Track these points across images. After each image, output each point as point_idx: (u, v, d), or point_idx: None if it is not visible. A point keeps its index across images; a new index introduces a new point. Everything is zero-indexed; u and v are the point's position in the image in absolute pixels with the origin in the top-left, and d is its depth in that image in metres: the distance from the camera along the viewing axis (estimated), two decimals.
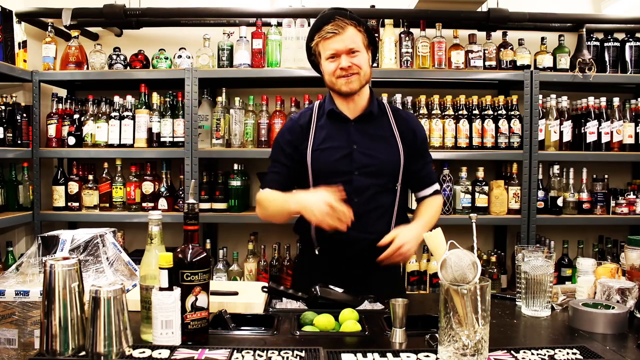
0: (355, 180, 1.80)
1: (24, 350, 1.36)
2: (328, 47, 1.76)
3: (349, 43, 1.74)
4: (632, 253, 1.63)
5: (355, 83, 1.77)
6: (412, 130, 1.90)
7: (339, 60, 1.75)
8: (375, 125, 1.87)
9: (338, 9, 1.81)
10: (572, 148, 2.98)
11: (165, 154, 2.91)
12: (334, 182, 1.74)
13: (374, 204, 1.82)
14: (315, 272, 1.85)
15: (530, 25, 3.09)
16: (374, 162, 1.82)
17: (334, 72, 1.77)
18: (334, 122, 1.85)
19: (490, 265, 2.96)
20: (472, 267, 1.18)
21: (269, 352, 1.18)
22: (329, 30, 1.74)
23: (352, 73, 1.76)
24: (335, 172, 1.80)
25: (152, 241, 1.36)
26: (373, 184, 1.81)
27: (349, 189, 1.77)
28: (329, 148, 1.82)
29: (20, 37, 2.84)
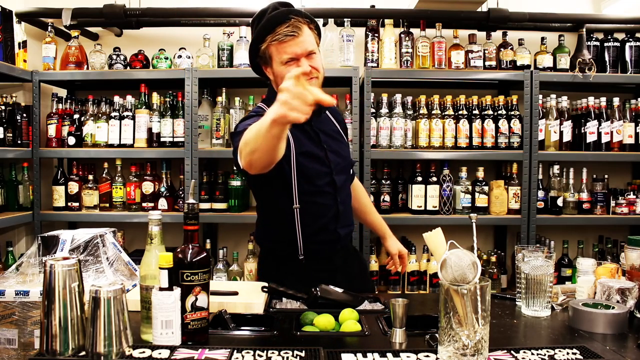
0: (336, 179, 1.80)
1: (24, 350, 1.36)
2: (285, 51, 1.60)
3: (307, 45, 1.62)
4: (632, 253, 1.63)
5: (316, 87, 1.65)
6: (340, 118, 1.95)
7: (299, 65, 1.60)
8: (327, 124, 1.85)
9: (287, 4, 1.66)
10: (572, 148, 2.98)
11: (165, 154, 2.91)
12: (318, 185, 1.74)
13: (349, 198, 1.91)
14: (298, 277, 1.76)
15: (530, 25, 3.09)
16: (341, 159, 1.84)
17: None
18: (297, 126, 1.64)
19: (490, 265, 2.96)
20: (472, 267, 1.17)
21: (269, 352, 1.18)
22: (286, 33, 1.59)
23: (312, 77, 1.63)
24: (319, 175, 1.75)
25: (152, 241, 1.36)
26: (345, 179, 1.87)
27: (332, 189, 1.77)
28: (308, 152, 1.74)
29: (20, 37, 2.84)
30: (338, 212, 1.80)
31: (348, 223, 1.88)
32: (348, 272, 1.88)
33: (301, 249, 1.79)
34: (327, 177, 1.77)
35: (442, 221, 2.79)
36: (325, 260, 1.84)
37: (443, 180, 2.88)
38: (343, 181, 1.84)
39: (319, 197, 1.77)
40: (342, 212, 1.82)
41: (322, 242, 1.80)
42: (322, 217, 1.78)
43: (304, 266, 1.81)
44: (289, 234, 1.77)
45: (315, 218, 1.77)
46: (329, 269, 1.83)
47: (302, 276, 1.78)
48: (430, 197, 2.88)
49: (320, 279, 1.64)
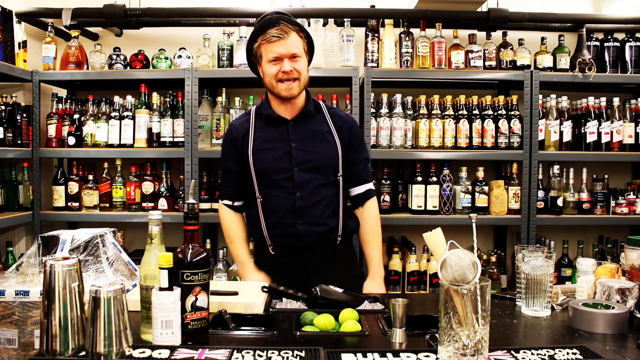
0: (296, 176, 1.89)
1: (24, 350, 1.36)
2: (271, 51, 1.82)
3: (292, 48, 1.82)
4: (632, 253, 1.63)
5: (295, 89, 1.85)
6: (348, 126, 2.00)
7: (281, 64, 1.82)
8: (313, 124, 1.96)
9: (281, 13, 1.88)
10: (572, 148, 2.98)
11: (165, 154, 2.91)
12: (276, 179, 1.90)
13: (317, 197, 1.91)
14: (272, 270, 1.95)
15: (530, 25, 3.09)
16: (313, 157, 1.92)
17: (276, 75, 1.83)
18: (272, 124, 1.94)
19: (490, 265, 2.96)
20: (472, 267, 1.17)
21: (269, 352, 1.18)
22: (273, 34, 1.80)
23: (294, 78, 1.83)
24: (276, 170, 1.90)
25: (152, 241, 1.36)
26: (313, 178, 1.91)
27: (291, 184, 1.90)
28: (268, 148, 1.92)
29: (20, 37, 2.84)
30: (295, 207, 1.89)
31: (315, 223, 1.91)
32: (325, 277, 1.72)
33: (268, 240, 1.95)
34: (286, 172, 1.90)
35: (442, 221, 2.79)
36: (295, 258, 1.94)
37: (443, 180, 2.88)
38: (308, 179, 1.90)
39: (276, 190, 1.91)
40: (302, 208, 1.89)
41: (283, 235, 1.93)
42: (278, 211, 1.91)
43: (275, 260, 1.96)
44: (257, 225, 1.96)
45: (273, 211, 1.92)
46: (300, 267, 1.93)
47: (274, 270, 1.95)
48: (430, 197, 2.88)
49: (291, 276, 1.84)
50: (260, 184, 1.92)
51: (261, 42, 1.83)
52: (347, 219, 1.99)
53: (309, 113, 1.94)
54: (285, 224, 1.91)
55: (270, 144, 1.91)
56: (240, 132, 1.96)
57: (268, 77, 1.86)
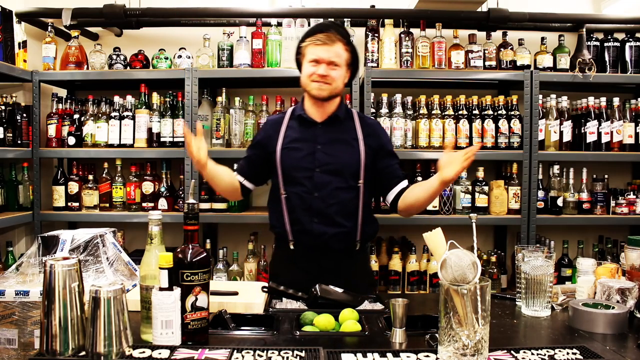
0: (316, 177, 1.97)
1: (24, 350, 1.36)
2: (314, 52, 1.93)
3: (332, 56, 1.92)
4: (632, 253, 1.63)
5: (325, 92, 1.95)
6: (376, 135, 2.07)
7: (318, 67, 1.92)
8: (341, 129, 2.04)
9: (337, 25, 2.03)
10: (572, 148, 2.98)
11: (165, 154, 2.91)
12: (298, 178, 1.99)
13: (334, 199, 1.98)
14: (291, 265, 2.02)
15: (530, 25, 3.09)
16: (335, 161, 1.99)
17: (310, 75, 1.94)
18: (303, 125, 2.04)
19: (490, 265, 2.96)
20: (472, 267, 1.17)
21: (269, 352, 1.18)
22: (320, 39, 1.92)
23: (326, 82, 1.93)
24: (299, 168, 1.99)
25: (152, 241, 1.36)
26: (333, 181, 1.98)
27: (310, 184, 1.98)
28: (295, 148, 2.01)
29: (20, 37, 2.84)
30: (312, 207, 1.97)
31: (332, 224, 1.97)
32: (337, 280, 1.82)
33: (290, 235, 2.01)
34: (307, 171, 1.98)
35: (442, 221, 2.79)
36: (312, 255, 2.00)
37: None
38: (327, 181, 1.97)
39: (297, 187, 1.99)
40: (319, 208, 1.96)
41: (301, 232, 1.99)
42: (298, 207, 1.99)
43: (295, 255, 2.01)
44: (281, 219, 2.02)
45: (294, 207, 2.00)
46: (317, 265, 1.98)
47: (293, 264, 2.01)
48: None
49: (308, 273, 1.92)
50: (284, 180, 2.01)
51: (308, 43, 1.95)
52: (365, 224, 2.03)
53: (337, 118, 2.03)
54: (303, 221, 1.98)
55: (298, 144, 2.01)
56: (272, 129, 2.07)
57: (304, 75, 1.97)
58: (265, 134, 2.09)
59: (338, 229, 1.97)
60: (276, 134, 2.04)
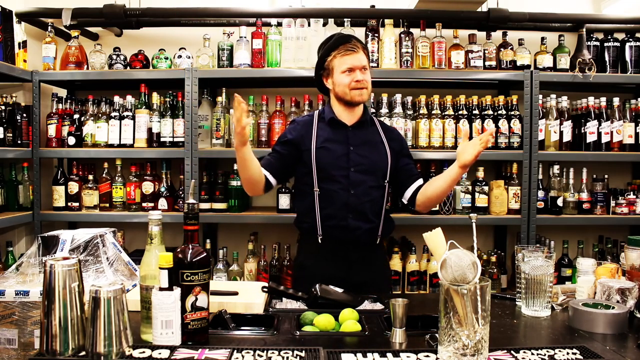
0: (352, 175, 2.09)
1: (24, 350, 1.36)
2: (346, 62, 2.06)
3: (362, 61, 2.08)
4: (632, 253, 1.63)
5: (365, 95, 2.10)
6: (398, 140, 2.25)
7: (354, 75, 2.06)
8: (369, 132, 2.19)
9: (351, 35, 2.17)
10: (572, 148, 2.97)
11: (165, 154, 2.91)
12: (334, 176, 2.09)
13: (367, 197, 2.11)
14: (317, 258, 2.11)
15: (530, 25, 3.09)
16: (367, 161, 2.12)
17: (349, 84, 2.06)
18: (334, 128, 2.15)
19: (490, 265, 2.96)
20: (472, 267, 1.18)
21: (269, 352, 1.18)
22: (349, 48, 2.06)
23: (364, 87, 2.08)
24: (335, 167, 2.09)
25: (152, 241, 1.36)
26: (366, 180, 2.11)
27: (347, 182, 2.09)
28: (330, 148, 2.12)
29: (20, 37, 2.84)
30: (348, 203, 2.08)
31: (365, 220, 2.09)
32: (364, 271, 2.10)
33: (320, 230, 2.10)
34: (343, 170, 2.09)
35: (442, 221, 2.79)
36: (340, 249, 2.10)
37: None
38: (361, 179, 2.10)
39: (333, 184, 2.09)
40: (355, 204, 2.08)
41: (334, 226, 2.09)
42: (334, 203, 2.09)
43: (322, 249, 2.10)
44: (312, 215, 2.11)
45: (329, 203, 2.09)
46: (343, 258, 2.09)
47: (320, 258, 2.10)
48: None
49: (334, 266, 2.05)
50: (319, 177, 2.10)
51: (335, 55, 2.07)
52: (385, 222, 2.18)
53: (365, 122, 2.17)
54: (338, 217, 2.08)
55: (331, 144, 2.12)
56: (304, 129, 2.16)
57: (342, 86, 2.08)
58: (297, 133, 2.16)
59: (370, 224, 2.10)
60: (308, 133, 2.14)
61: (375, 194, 2.13)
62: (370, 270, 2.13)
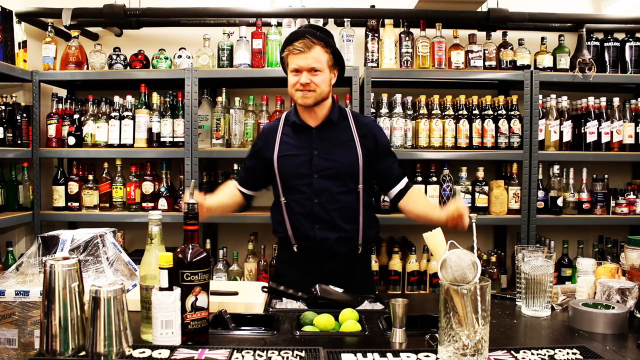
0: (315, 182, 1.97)
1: (24, 350, 1.36)
2: (293, 62, 1.92)
3: (311, 62, 1.90)
4: (632, 253, 1.63)
5: (310, 99, 1.93)
6: (373, 135, 2.04)
7: (299, 76, 1.91)
8: (336, 132, 2.02)
9: (312, 27, 1.99)
10: (572, 148, 2.97)
11: (165, 154, 2.91)
12: (297, 185, 1.98)
13: (335, 204, 1.97)
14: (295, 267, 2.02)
15: (530, 25, 3.09)
16: (333, 165, 1.97)
17: (294, 85, 1.93)
18: (297, 131, 2.03)
19: (490, 265, 2.96)
20: (472, 267, 1.17)
21: (269, 352, 1.18)
22: (297, 47, 1.89)
23: (309, 90, 1.91)
24: (297, 175, 1.98)
25: (152, 241, 1.36)
26: (332, 186, 1.97)
27: (310, 191, 1.97)
28: (292, 154, 2.01)
29: (20, 37, 2.84)
30: (313, 213, 1.97)
31: (334, 229, 1.97)
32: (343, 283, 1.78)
33: (292, 239, 2.02)
34: (305, 178, 1.97)
35: None
36: (316, 259, 2.00)
37: (443, 180, 2.88)
38: (326, 186, 1.97)
39: (297, 194, 1.99)
40: (320, 214, 1.96)
41: (303, 237, 2.00)
42: (298, 214, 1.99)
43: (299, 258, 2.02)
44: (282, 224, 2.03)
45: (294, 213, 2.00)
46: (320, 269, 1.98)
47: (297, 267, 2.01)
48: (430, 197, 2.88)
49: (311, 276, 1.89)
50: (283, 188, 2.01)
51: (287, 53, 1.94)
52: (367, 228, 2.03)
53: (331, 122, 2.01)
54: (304, 228, 1.98)
55: (294, 150, 2.00)
56: (268, 137, 2.07)
57: (289, 85, 1.96)
58: (262, 142, 2.09)
59: (340, 233, 1.98)
60: (272, 142, 2.04)
61: (344, 199, 1.98)
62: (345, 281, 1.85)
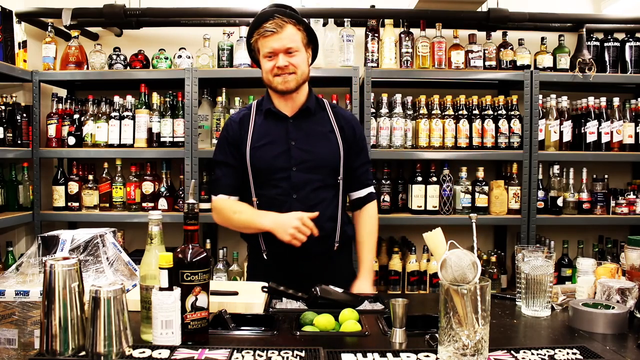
0: (294, 176, 1.82)
1: (24, 350, 1.36)
2: (266, 45, 1.76)
3: (286, 42, 1.75)
4: (632, 253, 1.63)
5: (292, 82, 1.79)
6: (351, 127, 1.92)
7: (276, 59, 1.76)
8: (314, 121, 1.88)
9: (279, 6, 1.81)
10: (572, 148, 2.98)
11: (165, 154, 2.91)
12: (273, 179, 1.82)
13: (315, 200, 1.83)
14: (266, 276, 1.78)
15: (530, 25, 3.09)
16: (312, 157, 1.84)
17: (271, 70, 1.78)
18: (272, 121, 1.87)
19: (490, 265, 2.96)
20: (472, 267, 1.17)
21: (269, 352, 1.18)
22: (267, 29, 1.74)
23: (289, 72, 1.77)
24: (274, 168, 1.81)
25: (152, 241, 1.36)
26: (312, 179, 1.83)
27: (288, 185, 1.82)
28: (266, 145, 1.84)
29: (20, 37, 2.84)
30: (291, 209, 1.79)
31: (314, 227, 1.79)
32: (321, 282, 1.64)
33: (263, 245, 1.87)
34: (283, 171, 1.82)
35: (442, 221, 2.79)
36: (289, 264, 1.85)
37: (443, 180, 2.88)
38: (306, 180, 1.82)
39: (273, 190, 1.83)
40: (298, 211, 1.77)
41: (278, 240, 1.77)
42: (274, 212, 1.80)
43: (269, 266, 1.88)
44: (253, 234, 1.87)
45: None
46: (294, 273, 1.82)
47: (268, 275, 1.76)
48: (430, 197, 2.88)
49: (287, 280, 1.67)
50: (256, 184, 1.85)
51: (257, 37, 1.78)
52: (344, 225, 1.92)
53: (309, 110, 1.87)
54: None
55: (269, 140, 1.83)
56: (239, 126, 1.89)
57: (264, 72, 1.81)
58: (233, 132, 1.88)
59: (320, 232, 1.78)
60: (244, 132, 1.86)
61: (325, 195, 1.84)
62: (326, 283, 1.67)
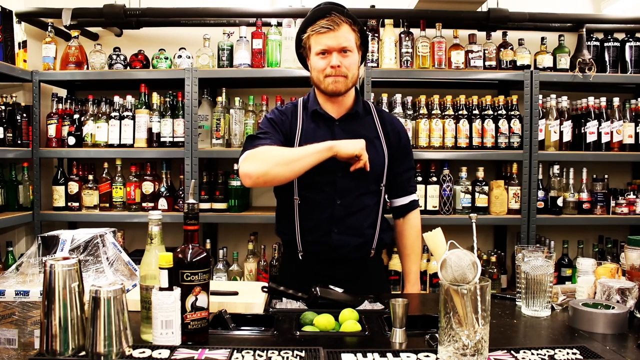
0: (339, 181, 1.76)
1: (24, 350, 1.36)
2: (320, 42, 1.70)
3: (342, 41, 1.69)
4: (632, 253, 1.63)
5: (341, 84, 1.73)
6: (397, 132, 1.88)
7: (329, 58, 1.70)
8: (360, 126, 1.82)
9: (335, 4, 1.75)
10: (572, 148, 2.98)
11: (165, 154, 2.91)
12: (318, 183, 1.76)
13: (358, 206, 1.79)
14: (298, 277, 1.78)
15: (530, 25, 3.09)
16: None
17: (323, 70, 1.72)
18: (318, 122, 1.81)
19: (490, 265, 2.96)
20: (472, 267, 1.17)
21: (269, 352, 1.18)
22: (323, 25, 1.68)
23: (341, 75, 1.72)
24: (320, 172, 1.69)
25: (152, 241, 1.36)
26: (356, 186, 1.78)
27: (332, 190, 1.76)
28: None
29: (20, 37, 2.84)
30: (334, 215, 1.77)
31: (355, 234, 1.79)
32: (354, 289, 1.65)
33: (299, 245, 1.82)
34: (329, 175, 1.75)
35: (442, 221, 2.79)
36: (324, 267, 1.81)
37: (443, 180, 2.88)
38: (351, 186, 1.77)
39: (317, 193, 1.78)
40: (341, 217, 1.76)
41: (317, 242, 1.79)
42: (316, 215, 1.78)
43: (303, 267, 1.83)
44: (291, 227, 1.82)
45: (310, 214, 1.79)
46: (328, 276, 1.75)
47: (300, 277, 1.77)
48: (430, 197, 2.88)
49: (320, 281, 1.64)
50: (300, 184, 1.77)
51: (310, 33, 1.72)
52: (382, 232, 1.87)
53: (357, 114, 1.81)
54: (320, 231, 1.78)
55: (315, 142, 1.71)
56: (290, 119, 1.82)
57: (315, 70, 1.74)
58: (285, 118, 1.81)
59: (360, 238, 1.79)
60: (295, 124, 1.79)
61: (368, 201, 1.80)
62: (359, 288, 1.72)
